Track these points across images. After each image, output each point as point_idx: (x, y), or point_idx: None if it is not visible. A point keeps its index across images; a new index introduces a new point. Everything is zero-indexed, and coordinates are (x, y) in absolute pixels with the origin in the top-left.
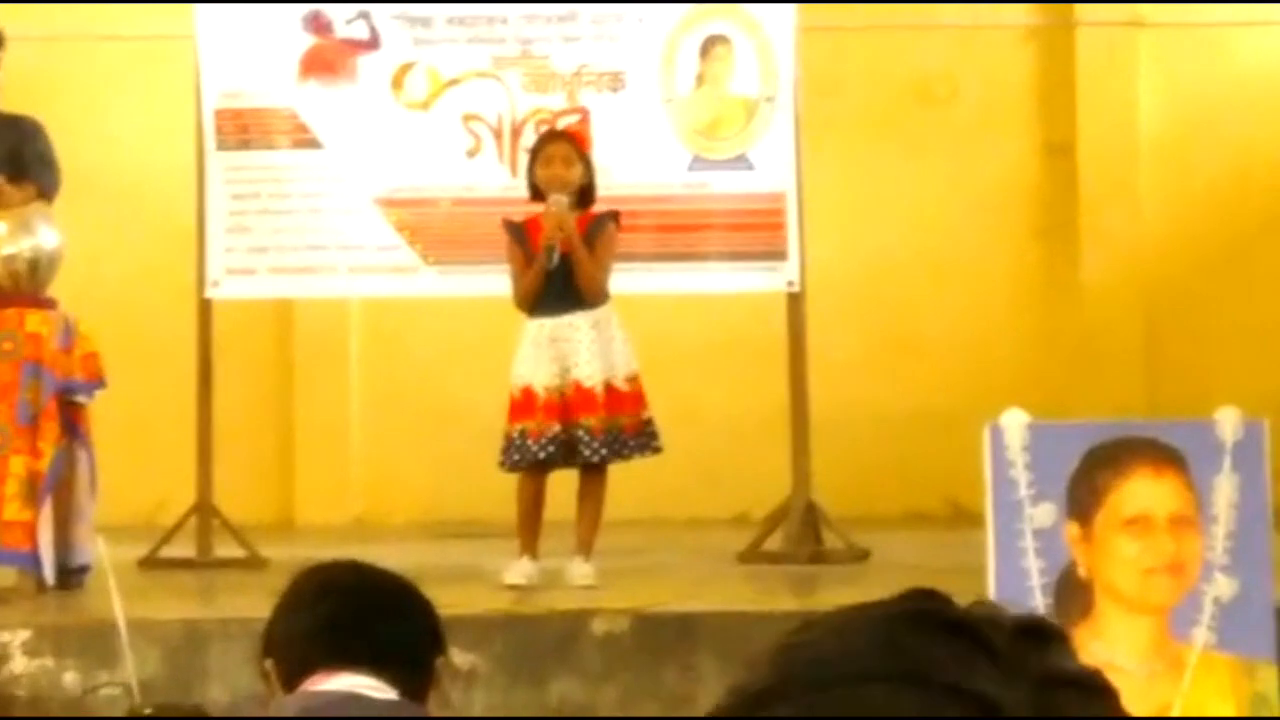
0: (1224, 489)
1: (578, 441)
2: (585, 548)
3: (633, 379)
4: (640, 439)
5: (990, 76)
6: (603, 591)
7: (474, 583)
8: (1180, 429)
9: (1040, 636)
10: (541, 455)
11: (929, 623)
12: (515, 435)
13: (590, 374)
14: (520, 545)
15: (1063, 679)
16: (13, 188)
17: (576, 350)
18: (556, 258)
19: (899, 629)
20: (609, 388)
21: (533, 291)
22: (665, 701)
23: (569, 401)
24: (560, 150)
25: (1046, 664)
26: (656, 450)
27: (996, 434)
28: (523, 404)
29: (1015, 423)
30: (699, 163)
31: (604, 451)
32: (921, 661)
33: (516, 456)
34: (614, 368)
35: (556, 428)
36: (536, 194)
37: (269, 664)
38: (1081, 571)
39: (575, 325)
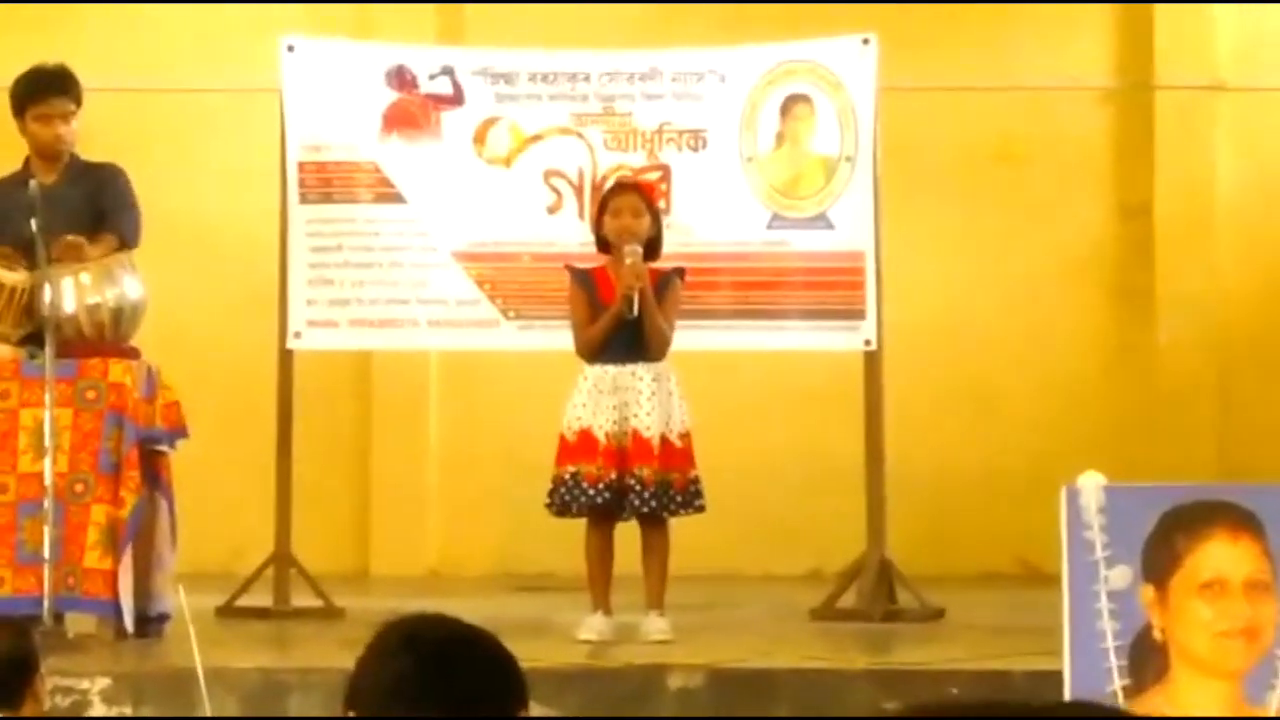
0: None
1: (629, 490)
2: (657, 602)
3: (685, 436)
4: (687, 496)
5: (1068, 138)
6: (677, 646)
7: (549, 636)
8: (1257, 493)
9: None
10: (599, 500)
11: None
12: (567, 478)
13: (649, 425)
14: (592, 601)
15: None
16: (90, 244)
17: (639, 400)
18: (636, 308)
19: None
20: (664, 441)
21: (603, 339)
22: None
23: (626, 450)
24: (629, 202)
25: None
26: (699, 509)
27: (1073, 496)
28: (578, 447)
29: (1092, 485)
30: (778, 221)
31: (654, 504)
32: None
33: (568, 498)
34: (670, 422)
35: (613, 474)
36: (603, 245)
37: (352, 716)
38: (1157, 634)
39: (639, 375)
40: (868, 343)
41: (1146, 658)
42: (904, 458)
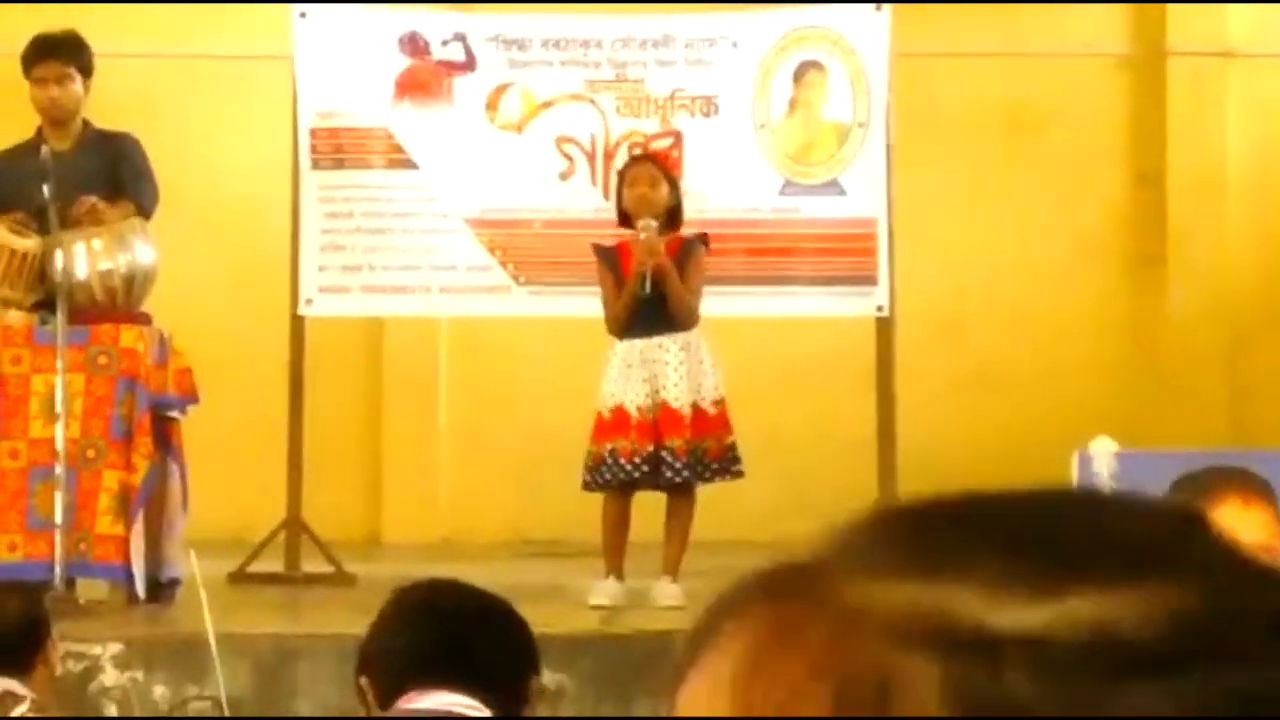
0: None
1: (661, 462)
2: (673, 568)
3: (719, 403)
4: (723, 463)
5: (1081, 105)
6: (689, 612)
7: (560, 602)
8: (1270, 459)
9: None
10: (636, 475)
11: None
12: (606, 454)
13: (678, 395)
14: (606, 565)
15: None
16: (109, 206)
17: (665, 371)
18: (650, 285)
19: None
20: (696, 410)
21: (625, 316)
22: None
23: (658, 422)
24: (646, 172)
25: None
26: (738, 474)
27: (1085, 461)
28: (614, 423)
29: (1104, 451)
30: (791, 187)
31: (686, 473)
32: None
33: (608, 475)
34: (701, 390)
35: (650, 447)
36: (625, 219)
37: (364, 681)
38: None
39: (665, 347)
40: (880, 309)
41: None
42: (916, 424)
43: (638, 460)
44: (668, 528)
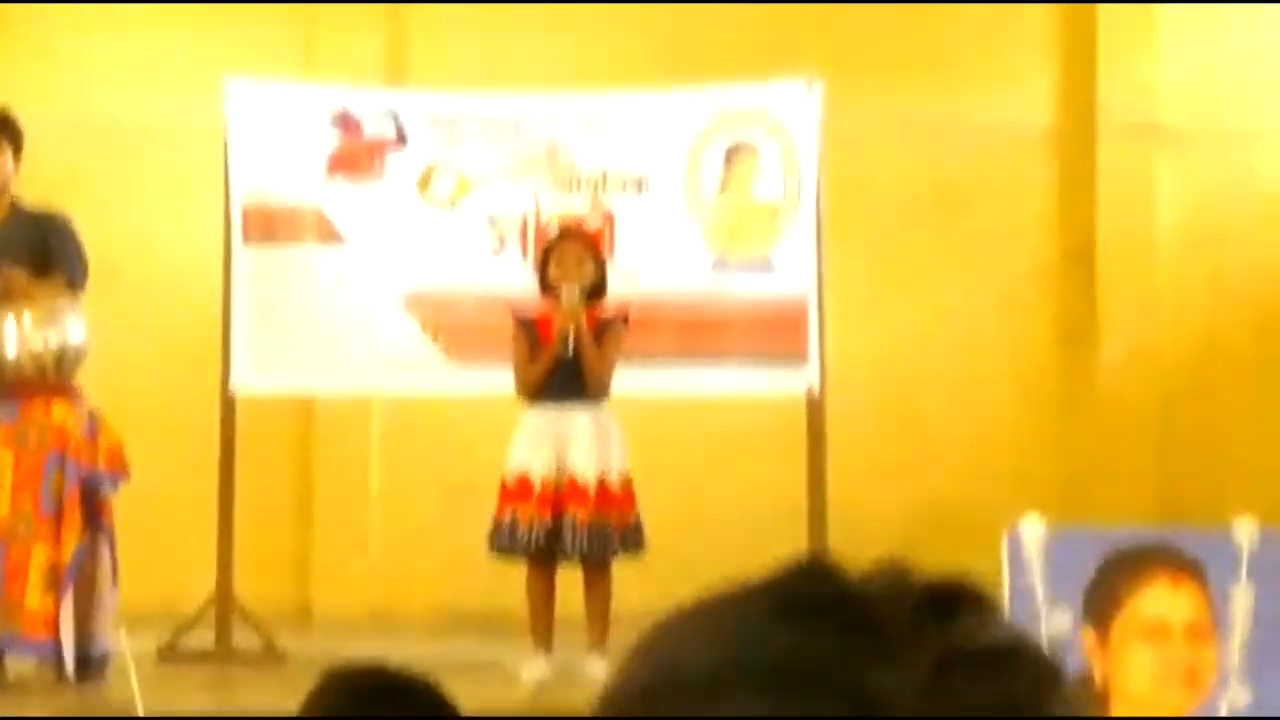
0: (1241, 598)
1: (563, 532)
2: (599, 644)
3: (625, 477)
4: (625, 538)
5: (1010, 179)
6: None
7: (491, 679)
8: (1198, 537)
9: (950, 605)
10: (532, 546)
11: (808, 606)
12: (506, 521)
13: (585, 466)
14: (534, 641)
15: (969, 656)
16: (37, 282)
17: (575, 442)
18: (571, 347)
19: (771, 616)
20: (601, 484)
21: (540, 378)
22: None
23: (562, 493)
24: (573, 250)
25: (951, 639)
26: (638, 551)
27: (1014, 539)
28: (516, 491)
29: (1033, 529)
30: (722, 265)
31: (585, 546)
32: (791, 657)
33: (506, 542)
34: (609, 464)
35: (548, 518)
36: (547, 290)
37: None
38: (1097, 679)
39: (576, 418)
40: (810, 386)
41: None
42: (845, 497)
43: (535, 529)
44: (587, 603)
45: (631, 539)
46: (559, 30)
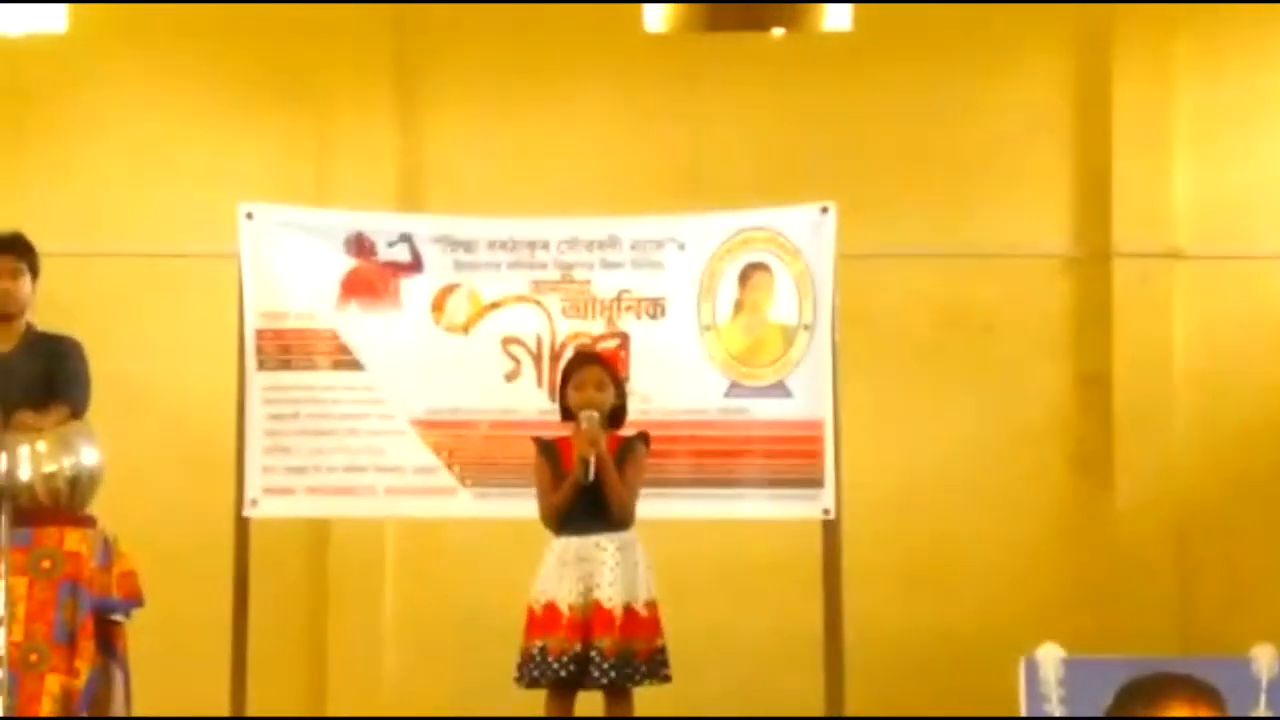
0: None
1: (589, 661)
2: None
3: (651, 605)
4: (651, 666)
5: (1026, 306)
6: None
7: None
8: (1216, 666)
9: None
10: (563, 673)
11: None
12: (535, 652)
13: (611, 595)
14: None
15: None
16: (41, 414)
17: (601, 571)
18: (592, 473)
19: None
20: (628, 611)
21: (563, 507)
22: None
23: (589, 621)
24: (593, 374)
25: None
26: (665, 679)
27: (1032, 668)
28: (544, 620)
29: (1050, 657)
30: (736, 389)
31: (613, 674)
32: None
33: (536, 673)
34: (635, 591)
35: (577, 646)
36: (567, 415)
37: None
38: None
39: (602, 546)
40: (826, 511)
41: None
42: (862, 623)
43: (565, 659)
44: None
45: (657, 666)
46: (574, 153)
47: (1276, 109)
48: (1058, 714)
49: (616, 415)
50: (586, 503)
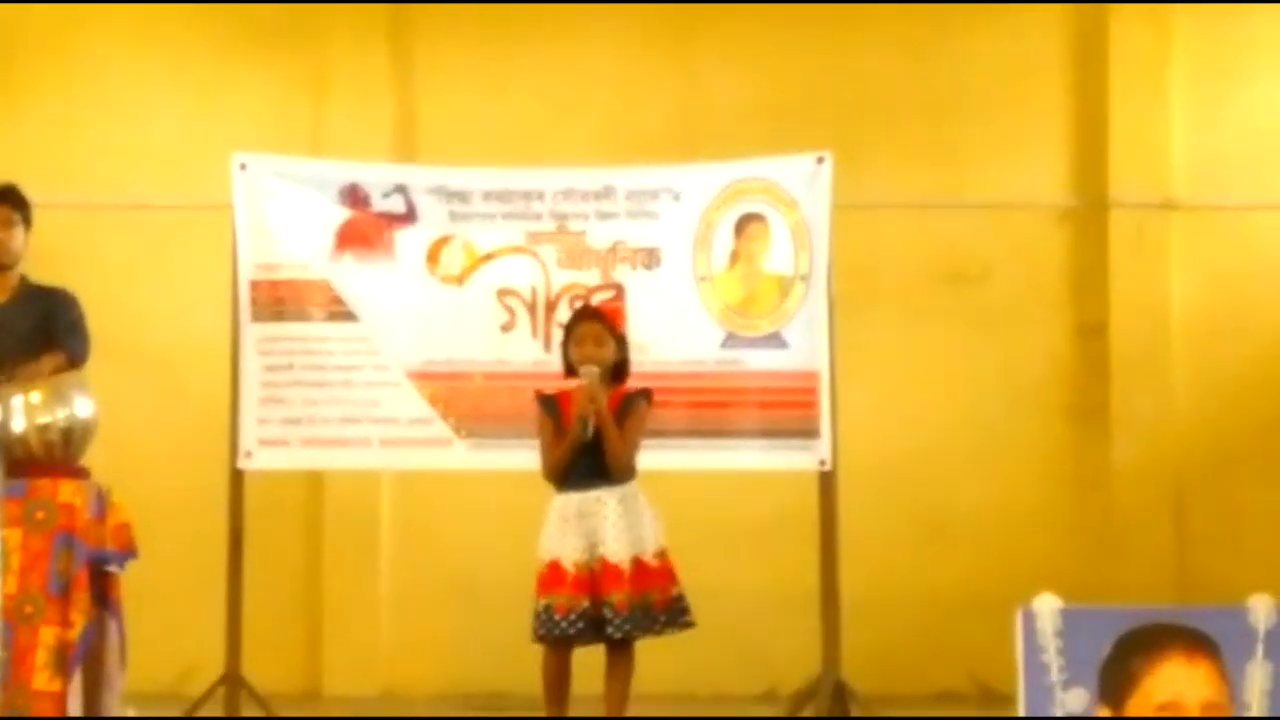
0: (1257, 676)
1: (602, 618)
2: None
3: (661, 554)
4: (671, 614)
5: (1023, 257)
6: None
7: None
8: (1213, 616)
9: None
10: (571, 631)
11: None
12: (542, 609)
13: (617, 549)
14: None
15: None
16: (38, 364)
17: (604, 526)
18: (591, 430)
19: None
20: (637, 563)
21: (564, 463)
22: None
23: (597, 577)
24: (593, 330)
25: None
26: (688, 625)
27: (1029, 618)
28: (550, 578)
29: (1048, 608)
30: (732, 340)
31: (628, 628)
32: None
33: (543, 630)
34: (642, 543)
35: (585, 603)
36: (570, 371)
37: None
38: None
39: (602, 500)
40: (822, 462)
41: None
42: (859, 577)
43: (573, 616)
44: (607, 683)
45: (677, 614)
46: (569, 104)
47: (1273, 59)
48: (1055, 664)
49: (618, 369)
50: (587, 458)
